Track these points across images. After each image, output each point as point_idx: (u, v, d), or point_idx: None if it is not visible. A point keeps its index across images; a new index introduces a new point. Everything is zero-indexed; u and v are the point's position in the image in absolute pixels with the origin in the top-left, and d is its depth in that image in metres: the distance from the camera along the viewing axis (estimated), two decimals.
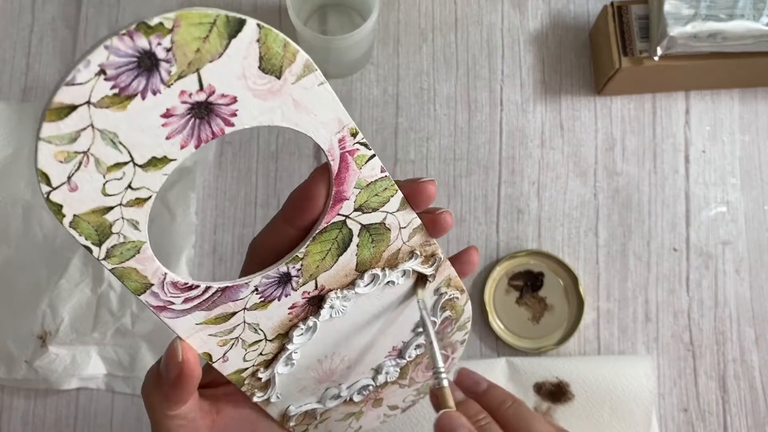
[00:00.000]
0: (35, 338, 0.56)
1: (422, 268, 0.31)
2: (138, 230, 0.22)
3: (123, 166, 0.21)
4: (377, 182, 0.26)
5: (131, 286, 0.24)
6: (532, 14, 0.63)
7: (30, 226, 0.58)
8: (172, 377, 0.26)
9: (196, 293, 0.25)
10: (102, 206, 0.21)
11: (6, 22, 0.64)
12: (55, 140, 0.19)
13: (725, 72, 0.58)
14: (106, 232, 0.22)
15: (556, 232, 0.59)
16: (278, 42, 0.21)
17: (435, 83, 0.62)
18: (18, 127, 0.60)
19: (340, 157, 0.25)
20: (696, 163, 0.60)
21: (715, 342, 0.57)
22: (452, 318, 0.35)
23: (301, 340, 0.29)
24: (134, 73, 0.19)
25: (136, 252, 0.23)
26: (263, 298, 0.27)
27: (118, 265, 0.23)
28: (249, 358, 0.29)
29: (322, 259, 0.27)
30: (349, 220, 0.27)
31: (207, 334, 0.27)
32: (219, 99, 0.21)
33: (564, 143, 0.61)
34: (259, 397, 0.31)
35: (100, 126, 0.19)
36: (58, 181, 0.20)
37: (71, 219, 0.21)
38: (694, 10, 0.52)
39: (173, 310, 0.25)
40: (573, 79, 0.62)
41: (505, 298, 0.58)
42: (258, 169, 0.61)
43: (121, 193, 0.21)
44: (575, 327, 0.56)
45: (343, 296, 0.29)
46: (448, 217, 0.29)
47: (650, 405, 0.54)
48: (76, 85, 0.18)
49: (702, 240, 0.59)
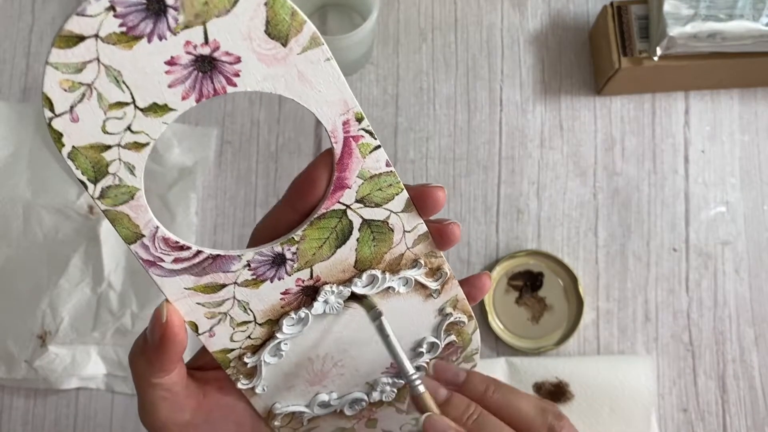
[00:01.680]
0: (35, 338, 0.56)
1: (426, 281, 0.30)
2: (134, 176, 0.23)
3: (124, 106, 0.21)
4: (382, 176, 0.26)
5: (122, 233, 0.24)
6: (531, 14, 0.63)
7: (30, 226, 0.58)
8: (156, 339, 0.26)
9: (186, 254, 0.25)
10: (101, 143, 0.22)
11: (6, 22, 0.64)
12: (62, 67, 0.20)
13: (725, 72, 0.58)
14: (103, 171, 0.22)
15: (555, 232, 0.59)
16: (286, 9, 0.21)
17: (435, 83, 0.62)
18: (18, 127, 0.60)
19: (344, 141, 0.25)
20: (695, 163, 0.60)
21: (715, 342, 0.57)
22: (458, 345, 0.34)
23: (291, 331, 0.29)
24: (142, 15, 0.20)
25: (130, 197, 0.23)
26: (255, 275, 0.27)
27: (111, 207, 0.23)
28: (236, 338, 0.29)
29: (320, 247, 0.27)
30: (350, 211, 0.27)
31: (195, 302, 0.27)
32: (223, 56, 0.21)
33: (563, 143, 0.61)
34: (244, 384, 0.30)
35: (106, 61, 0.20)
36: (61, 109, 0.21)
37: (70, 150, 0.22)
38: (693, 11, 0.52)
39: (162, 267, 0.25)
40: (573, 79, 0.62)
41: (504, 298, 0.58)
42: (258, 169, 0.61)
43: (121, 133, 0.22)
44: (575, 327, 0.57)
45: (339, 292, 0.29)
46: (456, 229, 0.28)
47: (650, 405, 0.54)
48: (86, 16, 0.19)
49: (701, 240, 0.59)
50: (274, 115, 0.61)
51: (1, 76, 0.63)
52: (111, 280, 0.57)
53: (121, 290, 0.57)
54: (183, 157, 0.60)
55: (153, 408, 0.28)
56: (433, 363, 0.32)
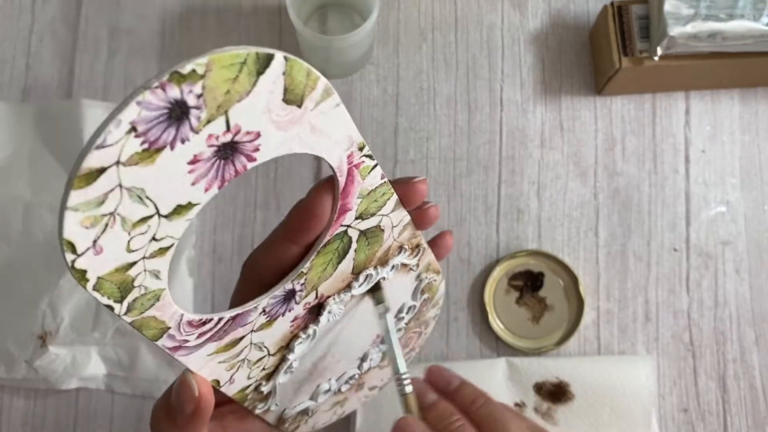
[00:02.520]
0: (35, 338, 0.56)
1: (409, 260, 0.31)
2: (159, 279, 0.21)
3: (148, 220, 0.19)
4: (377, 189, 0.26)
5: (149, 334, 0.22)
6: (532, 14, 0.63)
7: (30, 226, 0.58)
8: (188, 412, 0.25)
9: (209, 327, 0.24)
10: (125, 263, 0.20)
11: (6, 22, 0.64)
12: (83, 207, 0.18)
13: (725, 72, 0.58)
14: (128, 288, 0.20)
15: (556, 232, 0.59)
16: (302, 72, 0.20)
17: (435, 83, 0.62)
18: (18, 127, 0.60)
19: (348, 171, 0.24)
20: (696, 163, 0.60)
21: (715, 342, 0.57)
22: (429, 298, 0.35)
23: (301, 349, 0.29)
24: (165, 126, 0.18)
25: (156, 300, 0.22)
26: (269, 317, 0.27)
27: (137, 317, 0.22)
28: (252, 375, 0.29)
29: (324, 270, 0.27)
30: (350, 229, 0.27)
31: (216, 362, 0.26)
32: (244, 137, 0.20)
33: (564, 143, 0.61)
34: (260, 408, 0.31)
35: (128, 184, 0.18)
36: (84, 247, 0.19)
37: (95, 282, 0.19)
38: (694, 10, 0.52)
39: (188, 347, 0.24)
40: (573, 79, 0.62)
41: (505, 298, 0.58)
42: (258, 170, 0.61)
43: (145, 246, 0.20)
44: (575, 327, 0.56)
45: (340, 300, 0.29)
46: (434, 211, 0.29)
47: (650, 405, 0.54)
48: (106, 147, 0.17)
49: (702, 240, 0.59)
50: None
51: (1, 76, 0.63)
52: None
53: None
54: None
55: None
56: (428, 367, 0.33)
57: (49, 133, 0.60)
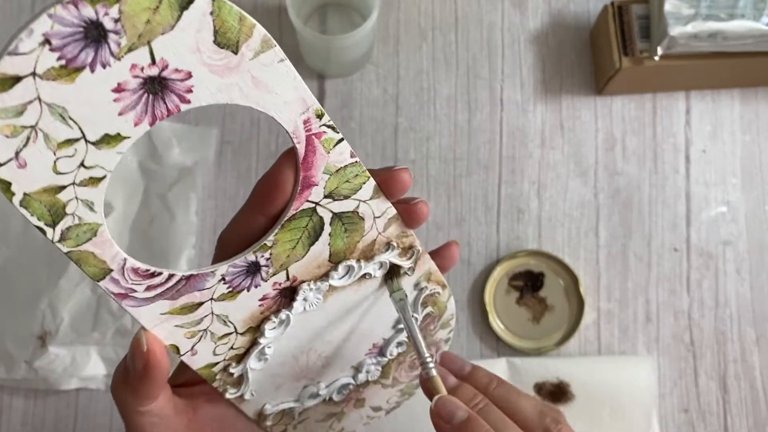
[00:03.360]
0: (35, 338, 0.56)
1: (400, 261, 0.30)
2: (94, 211, 0.22)
3: (74, 142, 0.20)
4: (347, 168, 0.26)
5: (89, 271, 0.23)
6: (532, 14, 0.63)
7: (30, 226, 0.58)
8: (139, 369, 0.25)
9: (159, 281, 0.24)
10: (54, 185, 0.20)
11: (6, 21, 0.64)
12: (1, 114, 0.18)
13: (726, 72, 0.58)
14: (60, 213, 0.21)
15: (556, 232, 0.59)
16: (233, 15, 0.20)
17: (435, 83, 0.62)
18: None
19: (306, 140, 0.24)
20: (696, 163, 0.60)
21: (716, 342, 0.57)
22: (434, 315, 0.34)
23: (273, 334, 0.29)
24: (81, 44, 0.18)
25: (93, 235, 0.22)
26: (231, 288, 0.26)
27: (74, 248, 0.22)
28: (219, 351, 0.28)
29: (293, 248, 0.27)
30: (319, 207, 0.26)
31: (173, 325, 0.26)
32: (173, 74, 0.20)
33: (564, 143, 0.61)
34: (232, 393, 0.30)
35: (48, 99, 0.19)
36: (6, 157, 0.19)
37: (21, 197, 0.20)
38: (694, 10, 0.52)
39: (135, 298, 0.24)
40: (573, 79, 0.62)
41: (505, 298, 0.58)
42: (258, 169, 0.61)
43: (74, 171, 0.20)
44: (575, 327, 0.56)
45: (317, 288, 0.28)
46: (423, 207, 0.28)
47: (651, 405, 0.54)
48: (19, 54, 0.18)
49: (702, 240, 0.59)
50: None
51: None
52: None
53: None
54: (183, 157, 0.59)
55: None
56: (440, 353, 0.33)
57: None
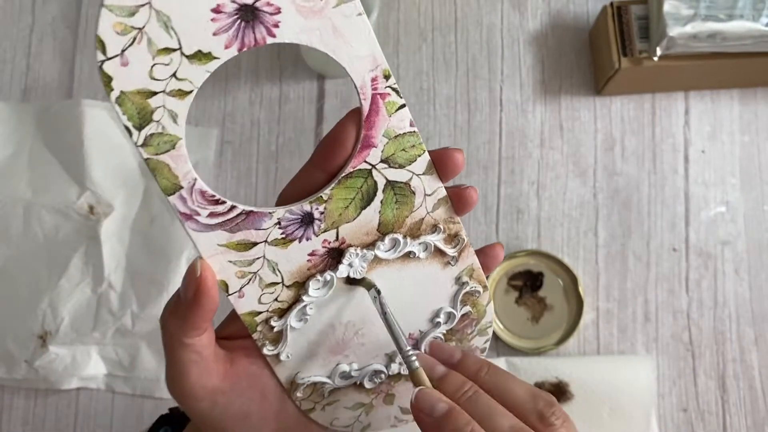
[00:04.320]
0: (35, 338, 0.56)
1: (445, 247, 0.31)
2: (176, 124, 0.24)
3: (171, 52, 0.22)
4: (405, 136, 0.27)
5: (162, 183, 0.25)
6: (531, 14, 0.63)
7: (30, 226, 0.58)
8: (190, 295, 0.26)
9: (221, 209, 0.26)
10: (147, 89, 0.23)
11: (6, 22, 0.64)
12: (116, 10, 0.21)
13: (725, 72, 0.58)
14: (147, 118, 0.23)
15: (555, 232, 0.59)
16: None
17: (435, 83, 0.62)
18: (18, 127, 0.60)
19: (372, 98, 0.26)
20: (695, 163, 0.60)
21: (715, 342, 0.58)
22: (473, 318, 0.34)
23: (317, 294, 0.29)
24: None
25: (172, 147, 0.24)
26: (285, 234, 0.27)
27: (153, 155, 0.24)
28: (264, 300, 0.29)
29: (345, 208, 0.28)
30: (375, 171, 0.27)
31: (227, 260, 0.27)
32: (265, 6, 0.23)
33: (563, 143, 0.61)
34: (270, 350, 0.31)
35: (157, 6, 0.21)
36: (113, 52, 0.22)
37: (118, 94, 0.22)
38: (693, 11, 0.52)
39: (198, 222, 0.26)
40: (573, 80, 0.62)
41: (504, 298, 0.58)
42: (258, 169, 0.61)
43: (167, 80, 0.23)
44: (575, 327, 0.57)
45: (363, 256, 0.29)
46: (473, 193, 0.29)
47: (650, 405, 0.54)
48: None
49: (701, 240, 0.59)
50: (274, 116, 0.61)
51: (1, 76, 0.63)
52: (111, 281, 0.57)
53: (121, 290, 0.57)
54: None
55: (183, 371, 0.28)
56: (428, 342, 0.33)
57: (49, 133, 0.60)
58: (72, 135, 0.59)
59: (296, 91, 0.62)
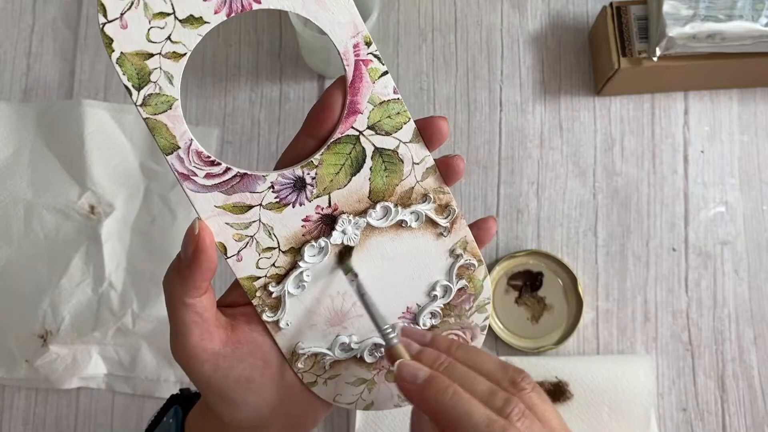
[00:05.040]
0: (36, 338, 0.56)
1: (436, 217, 0.32)
2: (172, 85, 0.25)
3: (166, 16, 0.24)
4: (390, 103, 0.28)
5: (161, 142, 0.26)
6: (531, 15, 0.63)
7: (31, 226, 0.58)
8: (189, 253, 0.27)
9: (217, 170, 0.27)
10: (145, 51, 0.24)
11: (7, 22, 0.64)
12: None
13: (724, 72, 0.58)
14: (145, 78, 0.25)
15: (555, 232, 0.59)
16: None
17: (434, 83, 0.62)
18: (18, 127, 0.60)
19: (355, 64, 0.27)
20: (695, 163, 0.60)
21: (714, 342, 0.58)
22: (470, 293, 0.35)
23: (312, 260, 0.30)
24: None
25: (168, 107, 0.26)
26: (279, 198, 0.29)
27: (151, 115, 0.26)
28: (262, 265, 0.30)
29: (336, 174, 0.29)
30: (362, 138, 0.29)
31: (224, 222, 0.28)
32: None
33: (563, 143, 0.61)
34: (269, 316, 0.31)
35: None
36: (113, 15, 0.24)
37: (118, 55, 0.24)
38: (693, 11, 0.53)
39: (195, 182, 0.27)
40: (572, 80, 0.62)
41: (504, 297, 0.58)
42: (258, 169, 0.61)
43: (162, 42, 0.25)
44: (574, 327, 0.57)
45: (355, 223, 0.30)
46: (459, 162, 0.30)
47: (649, 404, 0.54)
48: None
49: (701, 240, 0.59)
50: (274, 115, 0.62)
51: (2, 77, 0.63)
52: (112, 280, 0.57)
53: (122, 290, 0.57)
54: None
55: (184, 332, 0.29)
56: (400, 327, 0.34)
57: (50, 133, 0.60)
58: (72, 135, 0.59)
59: (296, 91, 0.62)
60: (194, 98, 0.62)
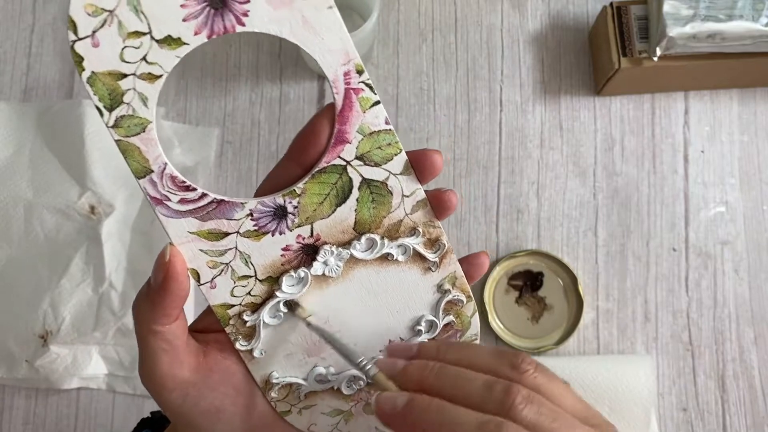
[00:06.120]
0: (36, 338, 0.56)
1: (424, 251, 0.30)
2: (146, 107, 0.24)
3: (141, 36, 0.23)
4: (381, 133, 0.27)
5: (133, 165, 0.25)
6: (531, 15, 0.63)
7: (31, 226, 0.58)
8: (159, 280, 0.26)
9: (192, 196, 0.26)
10: (118, 71, 0.23)
11: (7, 22, 0.64)
12: None
13: (724, 72, 0.58)
14: (118, 99, 0.24)
15: (555, 232, 0.59)
16: None
17: (435, 83, 0.62)
18: (19, 127, 0.60)
19: (345, 93, 0.26)
20: (695, 163, 0.60)
21: (714, 342, 0.58)
22: (457, 328, 0.34)
23: (291, 291, 0.29)
24: None
25: (142, 130, 0.24)
26: (257, 227, 0.27)
27: (123, 137, 0.24)
28: (237, 293, 0.29)
29: (320, 203, 0.28)
30: (350, 168, 0.27)
31: (198, 248, 0.27)
32: None
33: (563, 143, 0.61)
34: (243, 345, 0.30)
35: None
36: (84, 33, 0.22)
37: (89, 74, 0.23)
38: (693, 11, 0.53)
39: (168, 207, 0.26)
40: (572, 80, 0.62)
41: (504, 297, 0.58)
42: (258, 169, 0.61)
43: (137, 63, 0.23)
44: (574, 327, 0.57)
45: (338, 254, 0.29)
46: (452, 197, 0.29)
47: (649, 404, 0.54)
48: None
49: (701, 240, 0.59)
50: (274, 116, 0.62)
51: (2, 77, 0.63)
52: (112, 280, 0.57)
53: (122, 290, 0.57)
54: (183, 157, 0.60)
55: (153, 359, 0.28)
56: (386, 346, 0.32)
57: (50, 133, 0.60)
58: (73, 135, 0.59)
59: (296, 91, 0.62)
60: (194, 98, 0.62)
